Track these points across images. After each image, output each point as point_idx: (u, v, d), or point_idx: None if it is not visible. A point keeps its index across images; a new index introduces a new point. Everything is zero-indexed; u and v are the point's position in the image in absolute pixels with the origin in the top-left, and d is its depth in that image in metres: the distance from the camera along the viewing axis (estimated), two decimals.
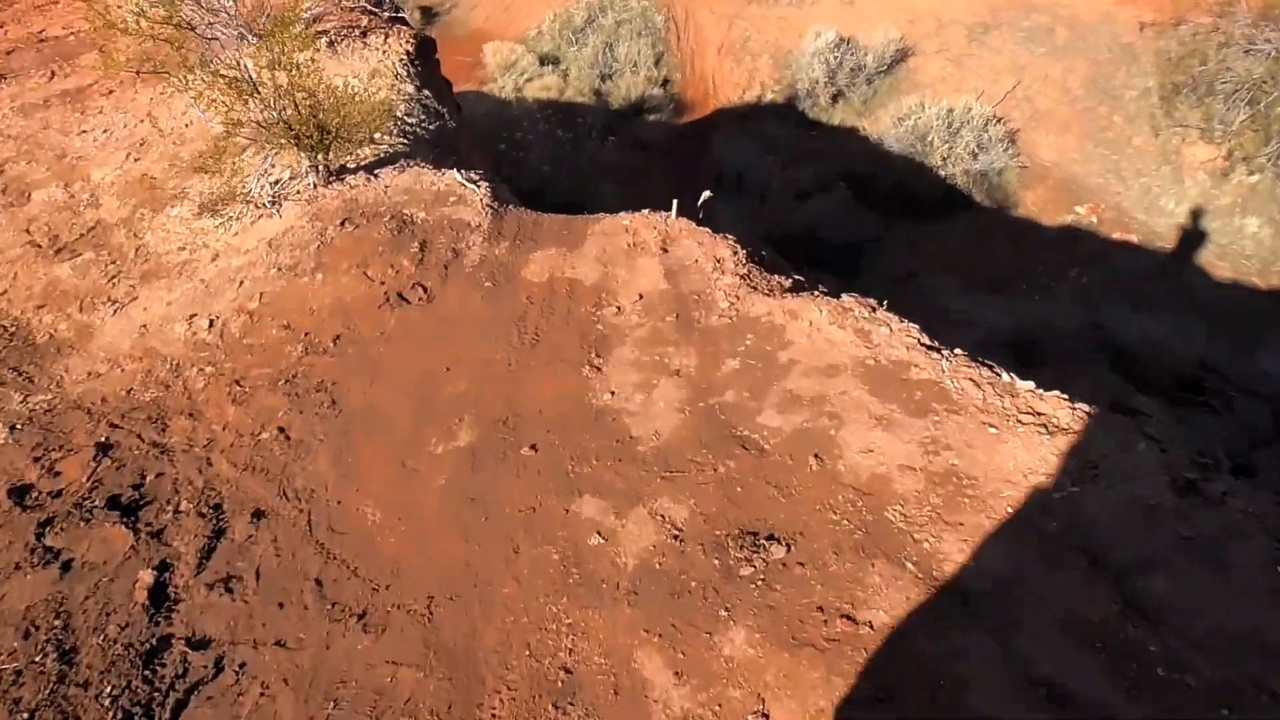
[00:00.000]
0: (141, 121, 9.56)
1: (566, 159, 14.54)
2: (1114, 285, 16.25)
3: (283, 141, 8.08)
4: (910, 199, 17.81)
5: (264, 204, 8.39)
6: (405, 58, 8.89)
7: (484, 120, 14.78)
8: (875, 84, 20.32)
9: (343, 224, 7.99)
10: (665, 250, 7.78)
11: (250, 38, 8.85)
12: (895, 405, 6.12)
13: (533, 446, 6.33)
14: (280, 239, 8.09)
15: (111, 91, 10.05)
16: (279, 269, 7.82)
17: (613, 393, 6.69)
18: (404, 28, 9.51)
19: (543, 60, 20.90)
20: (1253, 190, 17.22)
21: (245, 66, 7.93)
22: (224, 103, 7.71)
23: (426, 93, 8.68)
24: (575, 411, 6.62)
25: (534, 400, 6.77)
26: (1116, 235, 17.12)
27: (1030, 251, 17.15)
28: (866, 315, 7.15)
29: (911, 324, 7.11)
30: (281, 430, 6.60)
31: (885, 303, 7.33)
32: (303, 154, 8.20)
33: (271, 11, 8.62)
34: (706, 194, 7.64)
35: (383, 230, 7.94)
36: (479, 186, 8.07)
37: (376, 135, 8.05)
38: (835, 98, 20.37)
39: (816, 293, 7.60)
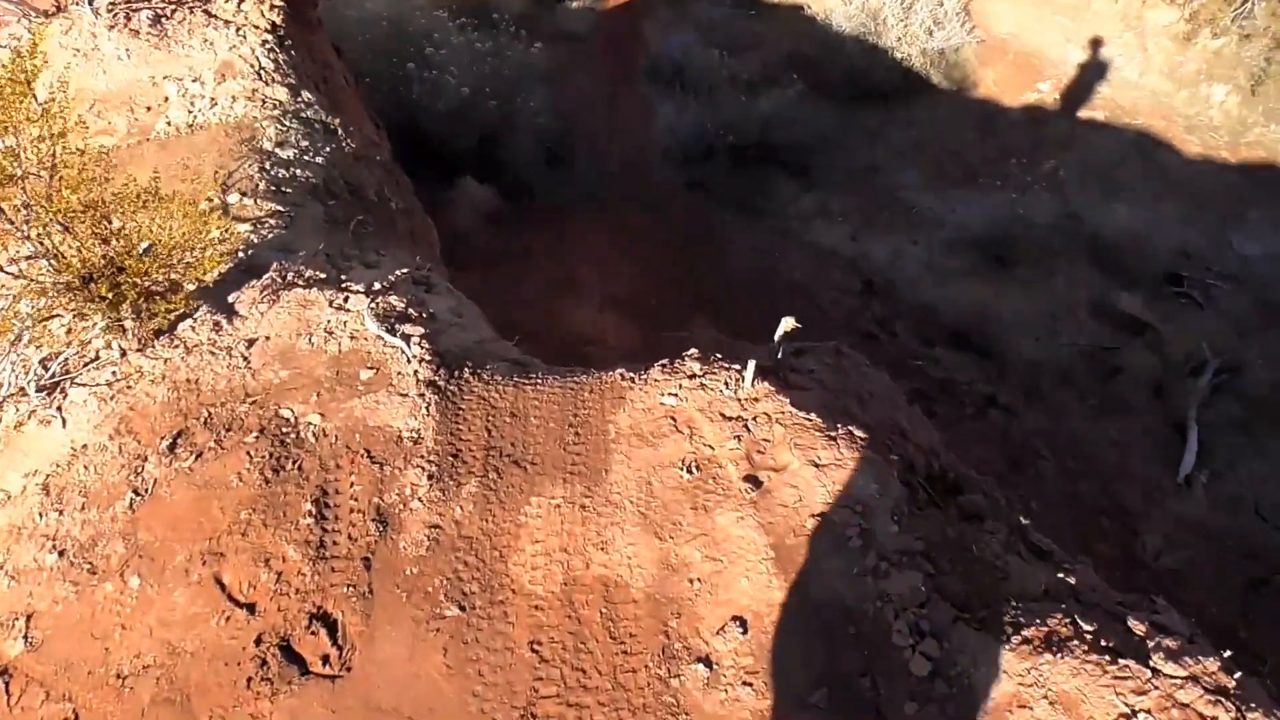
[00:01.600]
0: None
1: (488, 72, 12.88)
2: (1086, 171, 15.36)
3: (51, 292, 4.31)
4: (866, 86, 16.49)
5: (32, 397, 4.59)
6: (271, 32, 5.57)
7: (385, 40, 12.91)
8: None
9: (173, 446, 4.00)
10: (756, 482, 3.91)
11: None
12: None
13: None
14: (63, 478, 4.30)
15: None
16: (59, 560, 4.12)
17: None
18: None
19: None
20: (1217, 56, 16.28)
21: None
22: None
23: (306, 95, 5.41)
24: None
25: None
26: (1083, 114, 16.13)
27: (996, 137, 16.10)
28: None
29: None
30: None
31: None
32: (91, 310, 4.42)
33: None
34: (788, 321, 4.35)
35: (247, 467, 3.96)
36: (410, 341, 4.04)
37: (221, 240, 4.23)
38: None
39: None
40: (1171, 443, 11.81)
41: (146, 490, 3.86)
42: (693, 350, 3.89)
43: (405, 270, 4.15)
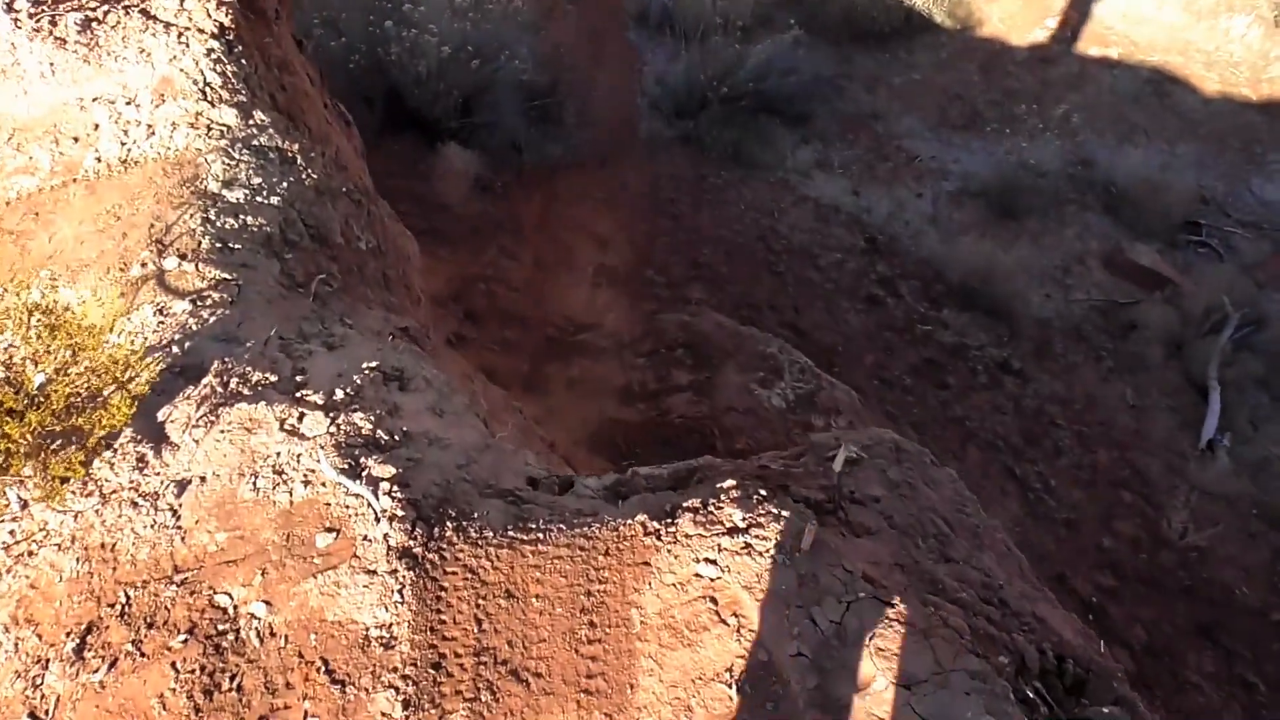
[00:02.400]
0: None
1: (469, 29, 12.09)
2: (1097, 114, 14.66)
3: None
4: (865, 26, 15.68)
5: None
6: (218, 37, 4.51)
7: None
8: None
9: (81, 648, 2.88)
10: (828, 708, 2.64)
11: None
12: None
13: None
14: None
15: None
16: None
17: None
18: None
19: None
20: None
21: None
22: None
23: (259, 117, 4.40)
24: None
25: None
26: (1094, 51, 15.36)
27: (1002, 80, 15.34)
28: None
29: None
30: None
31: None
32: None
33: None
34: (848, 448, 3.03)
35: (173, 687, 2.78)
36: (379, 489, 2.98)
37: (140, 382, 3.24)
38: None
39: None
40: (1192, 403, 11.38)
41: (47, 715, 2.70)
42: (729, 482, 2.71)
43: (374, 363, 3.26)
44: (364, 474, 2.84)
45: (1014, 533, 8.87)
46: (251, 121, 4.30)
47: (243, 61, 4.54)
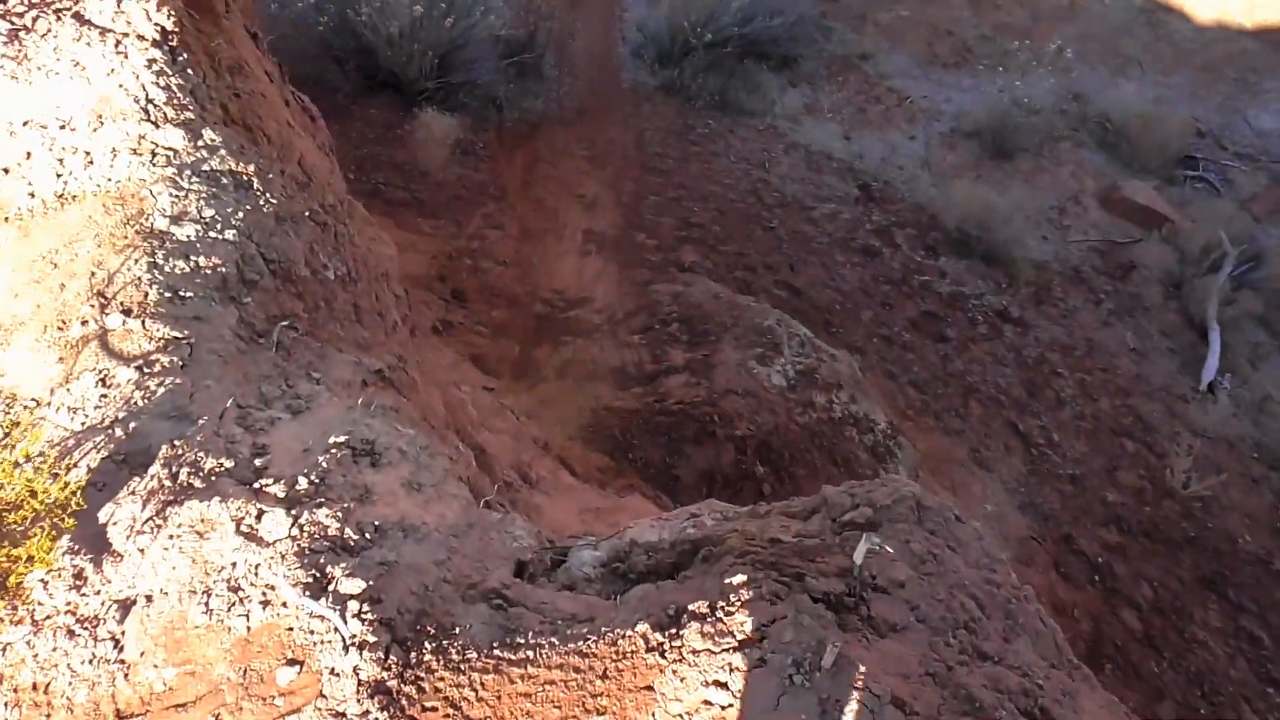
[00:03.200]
0: None
1: None
2: (1089, 46, 14.28)
3: None
4: None
5: None
6: (160, 44, 3.98)
7: None
8: None
9: None
10: None
11: None
12: None
13: None
14: None
15: None
16: None
17: None
18: None
19: None
20: None
21: None
22: None
23: (208, 136, 3.90)
24: None
25: None
26: None
27: (992, 13, 14.92)
28: None
29: None
30: None
31: None
32: None
33: None
34: (870, 539, 2.55)
35: None
36: (346, 610, 2.49)
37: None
38: None
39: None
40: (1191, 344, 11.27)
41: None
42: (738, 577, 2.39)
43: (343, 437, 2.92)
44: (330, 590, 2.46)
45: (1019, 493, 8.80)
46: (201, 143, 3.78)
47: (189, 71, 4.06)
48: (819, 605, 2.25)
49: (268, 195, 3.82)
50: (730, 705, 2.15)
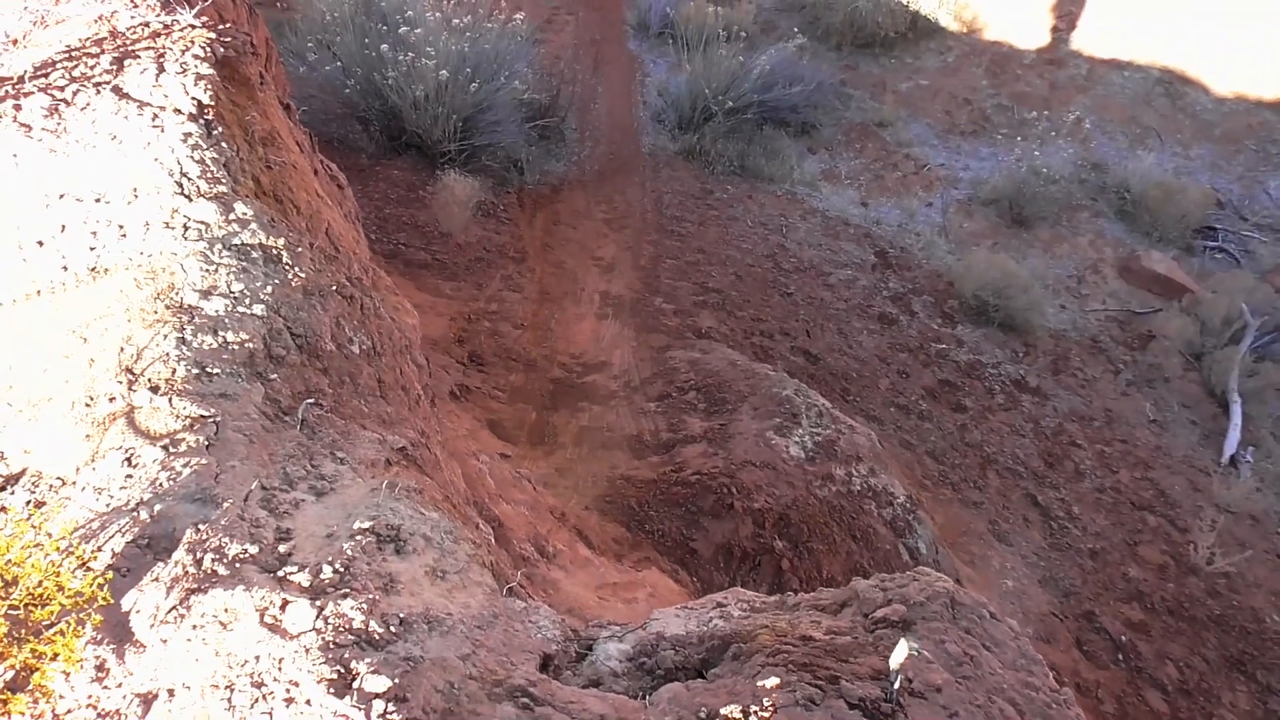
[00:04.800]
0: None
1: (467, 50, 11.81)
2: (1108, 116, 14.37)
3: None
4: (870, 32, 15.38)
5: None
6: (195, 119, 4.06)
7: (352, 14, 11.78)
8: None
9: None
10: None
11: None
12: None
13: None
14: None
15: None
16: None
17: None
18: (190, 36, 4.61)
19: None
20: None
21: None
22: None
23: (240, 210, 3.91)
24: None
25: None
26: (1103, 53, 15.05)
27: (1010, 83, 15.05)
28: None
29: None
30: None
31: None
32: None
33: None
34: (904, 647, 2.44)
35: None
36: (372, 713, 2.40)
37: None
38: None
39: None
40: (1212, 415, 11.17)
41: None
42: (771, 680, 2.31)
43: (368, 524, 2.89)
44: (355, 689, 2.39)
45: (1039, 567, 8.68)
46: (233, 216, 3.78)
47: (223, 145, 4.09)
48: (855, 712, 2.20)
49: (296, 269, 3.82)
50: None
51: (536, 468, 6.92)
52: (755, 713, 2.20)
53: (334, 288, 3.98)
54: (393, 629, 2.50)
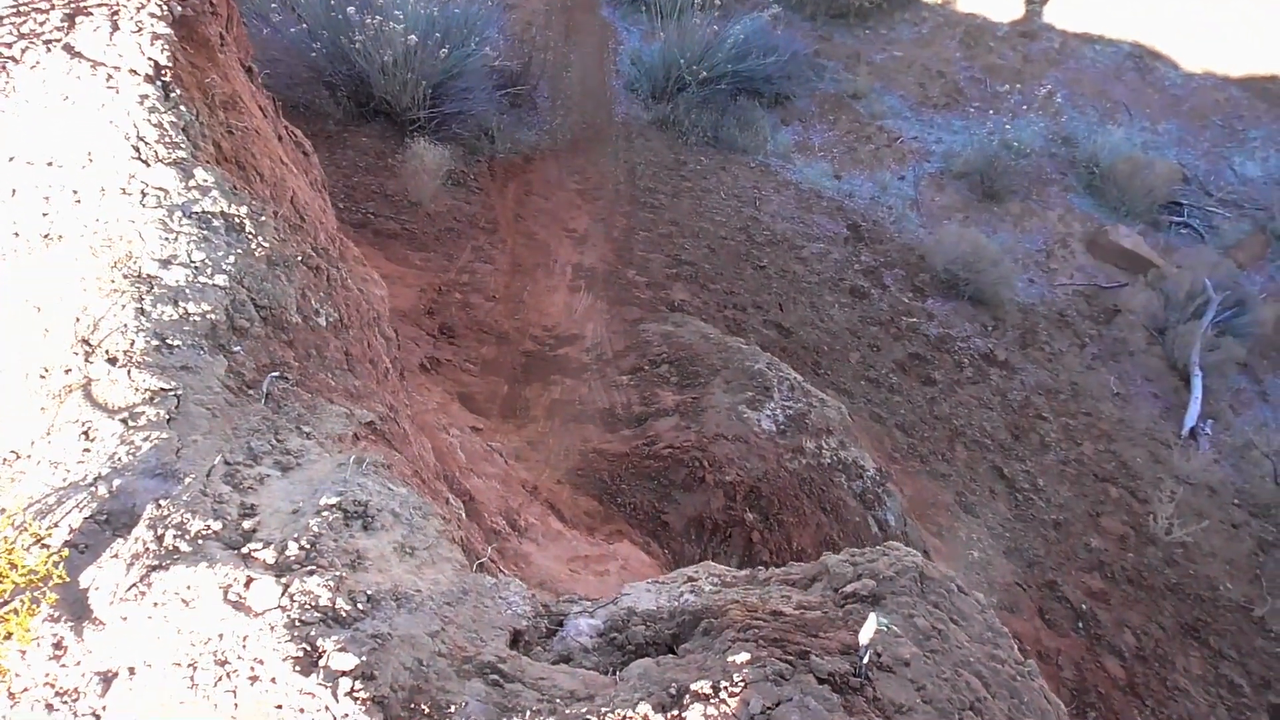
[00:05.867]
0: None
1: (436, 14, 11.65)
2: (1079, 90, 14.44)
3: None
4: (845, 2, 15.34)
5: None
6: (153, 80, 3.84)
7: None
8: None
9: None
10: None
11: None
12: None
13: None
14: None
15: None
16: None
17: None
18: None
19: None
20: None
21: None
22: None
23: (200, 176, 3.75)
24: None
25: None
26: (1075, 26, 15.10)
27: (983, 56, 15.07)
28: None
29: None
30: None
31: None
32: None
33: None
34: (874, 620, 2.36)
35: None
36: (338, 687, 2.39)
37: None
38: None
39: None
40: (1174, 389, 11.36)
41: None
42: (742, 655, 2.32)
43: (334, 499, 2.84)
44: (321, 666, 2.34)
45: (1004, 538, 8.81)
46: (192, 183, 3.64)
47: (182, 108, 3.96)
48: (824, 687, 2.23)
49: (260, 238, 3.73)
50: None
51: (508, 441, 6.91)
52: (725, 688, 2.23)
53: (299, 258, 3.91)
54: (360, 606, 2.48)
